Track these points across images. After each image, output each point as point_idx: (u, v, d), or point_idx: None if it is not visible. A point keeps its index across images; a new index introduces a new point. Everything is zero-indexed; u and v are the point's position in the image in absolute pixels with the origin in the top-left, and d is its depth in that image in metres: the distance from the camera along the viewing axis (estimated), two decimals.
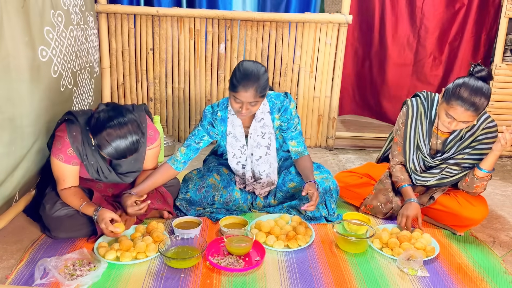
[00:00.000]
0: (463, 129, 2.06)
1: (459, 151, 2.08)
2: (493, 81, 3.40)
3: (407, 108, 2.19)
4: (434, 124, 2.13)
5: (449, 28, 3.77)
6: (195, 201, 2.19)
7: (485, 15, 3.67)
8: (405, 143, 2.20)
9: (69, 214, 1.86)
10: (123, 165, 1.99)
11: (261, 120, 2.12)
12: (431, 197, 2.16)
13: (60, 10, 2.09)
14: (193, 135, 2.17)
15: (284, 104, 2.13)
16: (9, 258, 1.77)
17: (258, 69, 1.92)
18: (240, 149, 2.18)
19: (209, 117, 2.15)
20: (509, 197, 2.71)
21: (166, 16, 3.23)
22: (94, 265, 1.69)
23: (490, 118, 2.06)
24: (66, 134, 1.84)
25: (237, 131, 2.14)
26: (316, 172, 2.25)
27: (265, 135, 2.15)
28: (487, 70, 1.92)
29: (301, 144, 2.22)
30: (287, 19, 3.24)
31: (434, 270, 1.79)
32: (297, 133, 2.20)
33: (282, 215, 2.14)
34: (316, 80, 3.44)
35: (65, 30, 2.11)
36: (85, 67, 2.48)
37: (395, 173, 2.24)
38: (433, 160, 2.14)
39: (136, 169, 2.04)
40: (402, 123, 2.21)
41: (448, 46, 3.82)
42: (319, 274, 1.73)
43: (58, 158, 1.85)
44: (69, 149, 1.84)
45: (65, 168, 1.87)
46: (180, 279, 1.66)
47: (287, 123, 2.16)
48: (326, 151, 3.56)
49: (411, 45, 3.84)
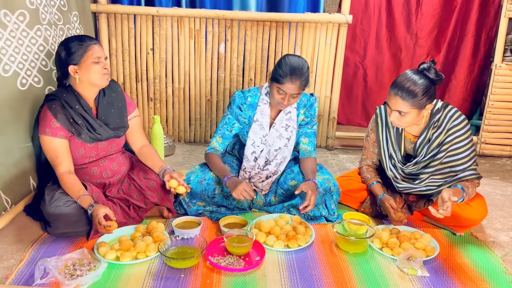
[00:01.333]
0: (430, 131, 2.03)
1: (430, 153, 2.05)
2: (493, 81, 3.40)
3: (376, 116, 2.21)
4: (403, 130, 2.12)
5: (447, 28, 3.78)
6: (195, 194, 2.19)
7: (485, 15, 3.68)
8: (380, 152, 2.22)
9: (68, 204, 1.84)
10: (110, 123, 2.03)
11: (288, 113, 2.24)
12: (429, 199, 2.15)
13: (24, 9, 2.05)
14: (224, 124, 2.27)
15: (310, 101, 2.29)
16: (9, 258, 1.77)
17: (303, 64, 2.08)
18: (261, 138, 2.24)
19: (238, 101, 2.25)
20: (509, 197, 2.71)
21: (166, 16, 3.23)
22: (94, 265, 1.69)
23: (456, 114, 2.00)
24: (47, 109, 1.90)
25: (265, 120, 2.23)
26: (317, 172, 2.25)
27: (288, 128, 2.24)
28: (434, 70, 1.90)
29: (312, 145, 2.30)
30: (287, 19, 3.24)
31: (434, 270, 1.79)
32: (312, 132, 2.31)
33: (282, 215, 2.14)
34: (316, 80, 3.43)
35: (28, 30, 2.09)
36: None
37: (362, 174, 2.31)
38: (406, 166, 2.12)
39: (123, 125, 2.10)
40: (371, 129, 2.25)
41: (447, 46, 3.83)
42: (319, 274, 1.73)
43: (46, 133, 1.89)
44: (52, 121, 1.89)
45: (55, 143, 1.90)
46: (180, 279, 1.66)
47: (309, 119, 2.29)
48: (326, 151, 3.56)
49: (408, 46, 3.85)
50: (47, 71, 2.22)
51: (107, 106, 2.04)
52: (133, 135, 2.19)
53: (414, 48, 3.88)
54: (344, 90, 3.99)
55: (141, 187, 2.10)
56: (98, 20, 3.21)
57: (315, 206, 2.18)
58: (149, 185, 2.10)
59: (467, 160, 2.01)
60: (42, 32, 2.17)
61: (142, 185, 2.10)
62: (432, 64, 1.92)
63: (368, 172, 2.28)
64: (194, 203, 2.20)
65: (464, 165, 2.01)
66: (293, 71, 2.03)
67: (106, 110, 2.04)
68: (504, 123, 3.48)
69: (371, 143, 2.27)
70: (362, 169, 2.31)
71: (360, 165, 2.34)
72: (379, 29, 3.86)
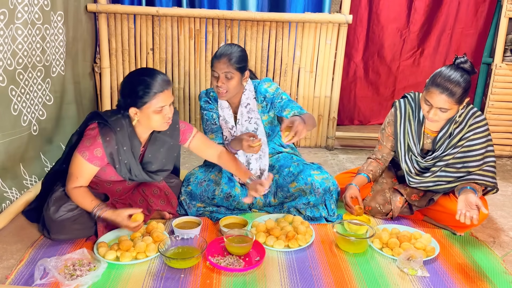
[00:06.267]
0: (452, 126, 2.05)
1: (449, 148, 2.07)
2: (493, 81, 3.40)
3: (395, 110, 2.22)
4: (423, 124, 2.13)
5: (439, 23, 3.77)
6: (195, 195, 2.19)
7: (481, 12, 3.68)
8: (396, 145, 2.22)
9: (73, 218, 1.84)
10: (154, 163, 1.98)
11: (247, 106, 2.25)
12: (430, 199, 2.15)
13: (5, 8, 2.03)
14: (206, 121, 2.31)
15: (257, 88, 2.27)
16: (9, 258, 1.77)
17: (232, 46, 2.13)
18: (230, 131, 2.26)
19: (204, 97, 2.32)
20: (509, 197, 2.71)
21: (166, 16, 3.23)
22: (94, 265, 1.69)
23: (478, 112, 2.06)
24: (99, 136, 1.81)
25: (226, 113, 2.26)
26: (316, 172, 2.25)
27: (251, 119, 2.26)
28: (470, 63, 1.94)
29: (295, 108, 2.17)
30: (287, 19, 3.24)
31: (434, 270, 1.79)
32: (286, 101, 2.22)
33: (286, 216, 2.14)
34: (316, 80, 3.43)
35: (4, 29, 2.06)
36: (36, 66, 2.41)
37: (364, 164, 2.33)
38: (425, 160, 2.14)
39: (167, 168, 2.04)
40: (388, 123, 2.25)
41: (444, 46, 3.83)
42: (319, 274, 1.73)
43: (83, 155, 1.82)
44: (96, 149, 1.81)
45: (85, 166, 1.84)
46: (180, 279, 1.66)
47: (268, 100, 2.25)
48: (326, 151, 3.56)
49: (403, 42, 3.85)
50: (11, 70, 2.17)
51: (158, 144, 1.97)
52: (202, 152, 2.14)
53: (405, 43, 3.86)
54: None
55: (144, 193, 2.09)
56: (98, 20, 3.21)
57: (315, 207, 2.18)
58: (153, 192, 2.10)
59: (480, 158, 2.02)
60: (13, 31, 2.15)
61: (145, 191, 2.09)
62: (467, 60, 1.94)
63: (370, 165, 2.29)
64: (194, 205, 2.20)
65: (476, 163, 2.03)
66: (219, 51, 2.12)
67: (155, 149, 1.97)
68: (504, 123, 3.48)
69: (385, 137, 2.27)
70: (368, 161, 2.33)
71: (369, 156, 2.35)
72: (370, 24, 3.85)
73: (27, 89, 2.33)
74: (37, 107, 2.46)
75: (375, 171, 2.28)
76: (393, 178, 2.35)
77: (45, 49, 2.50)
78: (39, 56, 2.43)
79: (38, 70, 2.44)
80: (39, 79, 2.46)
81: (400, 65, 3.93)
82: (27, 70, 2.31)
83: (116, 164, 1.87)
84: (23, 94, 2.30)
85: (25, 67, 2.29)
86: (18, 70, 2.22)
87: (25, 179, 2.33)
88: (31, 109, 2.40)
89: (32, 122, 2.41)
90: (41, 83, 2.49)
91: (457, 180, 2.06)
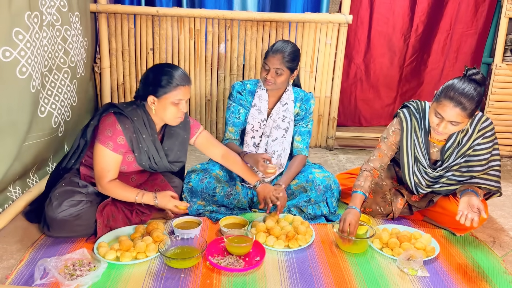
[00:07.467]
0: (459, 135, 2.02)
1: (459, 156, 2.04)
2: (493, 81, 3.40)
3: (401, 121, 2.12)
4: (429, 134, 2.10)
5: (440, 25, 3.76)
6: (196, 192, 2.20)
7: (481, 13, 3.67)
8: (402, 157, 2.14)
9: (75, 213, 1.83)
10: (170, 155, 2.03)
11: (285, 105, 2.31)
12: (430, 200, 2.15)
13: (37, 11, 2.06)
14: (231, 113, 2.34)
15: (307, 96, 2.37)
16: (9, 258, 1.77)
17: (288, 43, 2.21)
18: (260, 123, 2.30)
19: (238, 87, 2.36)
20: (509, 197, 2.71)
21: (166, 16, 3.23)
22: (94, 265, 1.69)
23: (484, 117, 2.02)
24: (118, 123, 1.86)
25: (262, 105, 2.31)
26: (317, 170, 2.28)
27: (285, 119, 2.30)
28: (481, 74, 1.88)
29: (304, 143, 2.33)
30: (287, 19, 3.24)
31: (434, 270, 1.79)
32: (306, 131, 2.35)
33: (286, 216, 2.14)
34: (316, 80, 3.44)
35: (39, 31, 2.09)
36: (61, 68, 2.44)
37: (359, 177, 2.13)
38: (436, 171, 2.09)
39: (181, 160, 2.10)
40: (394, 131, 2.14)
41: (445, 46, 3.82)
42: (319, 274, 1.73)
43: (107, 145, 1.86)
44: (119, 137, 1.87)
45: (111, 157, 1.88)
46: (180, 279, 1.66)
47: (304, 113, 2.34)
48: (326, 151, 3.56)
49: (403, 46, 3.83)
50: (43, 73, 2.21)
51: (174, 136, 2.04)
52: (206, 150, 2.18)
53: (407, 45, 3.85)
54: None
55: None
56: (98, 20, 3.21)
57: (316, 204, 2.19)
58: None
59: (485, 163, 2.01)
60: (42, 34, 2.15)
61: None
62: (479, 71, 1.89)
63: (366, 180, 2.10)
64: (195, 202, 2.20)
65: (480, 167, 2.01)
66: (275, 46, 2.20)
67: (171, 140, 2.03)
68: (504, 123, 3.48)
69: (388, 145, 2.16)
70: (363, 173, 2.13)
71: (364, 166, 2.17)
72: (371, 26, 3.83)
73: (54, 91, 2.35)
74: (66, 109, 2.52)
75: (371, 187, 2.15)
76: (393, 178, 2.34)
77: (68, 51, 2.52)
78: (62, 57, 2.46)
79: (65, 72, 2.48)
80: (66, 81, 2.51)
81: (402, 67, 3.90)
82: (54, 72, 2.35)
83: (136, 151, 1.91)
84: (50, 96, 2.33)
85: (51, 70, 2.32)
86: (46, 73, 2.26)
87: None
88: (61, 110, 2.45)
89: (60, 123, 2.47)
90: (69, 84, 2.53)
91: (460, 183, 2.05)
